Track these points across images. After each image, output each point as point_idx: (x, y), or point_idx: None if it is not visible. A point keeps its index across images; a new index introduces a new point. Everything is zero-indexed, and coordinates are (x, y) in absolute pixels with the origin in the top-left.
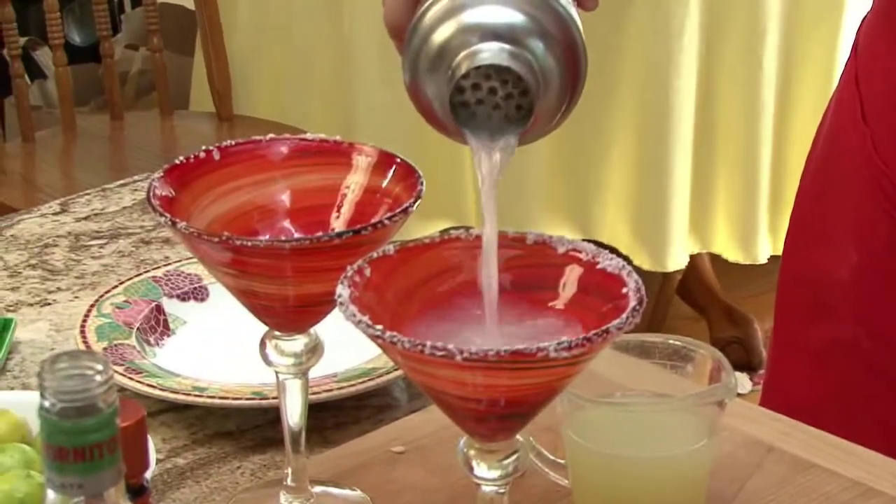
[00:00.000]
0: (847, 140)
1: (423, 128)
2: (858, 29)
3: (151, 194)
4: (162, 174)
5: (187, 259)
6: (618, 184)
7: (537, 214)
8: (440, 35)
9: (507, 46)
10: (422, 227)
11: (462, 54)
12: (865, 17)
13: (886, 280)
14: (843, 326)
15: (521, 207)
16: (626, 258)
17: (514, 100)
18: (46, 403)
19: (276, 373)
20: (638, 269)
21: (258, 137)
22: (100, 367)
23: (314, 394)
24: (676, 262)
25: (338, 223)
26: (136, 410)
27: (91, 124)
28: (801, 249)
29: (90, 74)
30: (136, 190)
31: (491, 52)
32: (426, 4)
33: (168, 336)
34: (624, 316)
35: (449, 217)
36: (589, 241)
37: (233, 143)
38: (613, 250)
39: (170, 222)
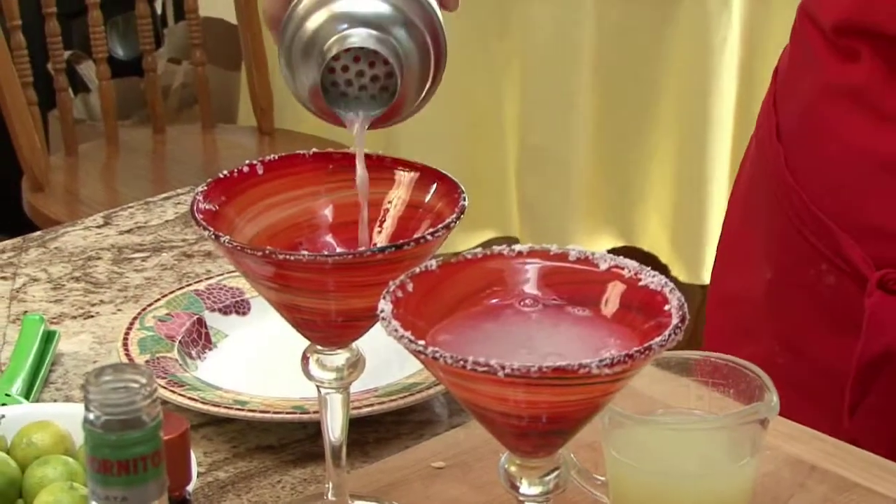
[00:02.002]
0: (765, 161)
1: (466, 140)
2: (781, 54)
3: (195, 208)
4: (206, 188)
5: (229, 272)
6: (659, 192)
7: (580, 221)
8: (313, 23)
9: (374, 32)
10: (465, 239)
11: (333, 38)
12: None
13: (796, 294)
14: (761, 344)
15: (565, 214)
16: (665, 268)
17: (380, 81)
18: (91, 416)
19: (318, 387)
20: (679, 284)
21: (301, 152)
22: (144, 380)
23: (355, 408)
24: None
25: (380, 238)
26: (180, 423)
27: (133, 137)
28: (726, 273)
29: (133, 88)
30: (178, 203)
31: (360, 37)
32: None
33: (210, 349)
34: (666, 333)
35: (492, 228)
36: (630, 248)
37: (276, 157)
38: (654, 259)
39: (213, 236)
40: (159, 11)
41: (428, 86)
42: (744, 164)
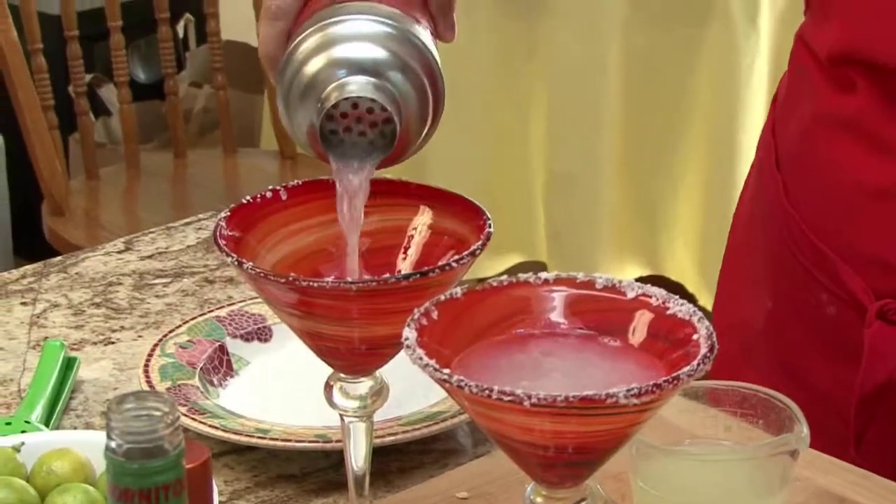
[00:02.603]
0: (765, 189)
1: (492, 165)
2: (780, 81)
3: (219, 234)
4: (229, 214)
5: (251, 299)
6: (686, 220)
7: (606, 248)
8: (311, 68)
9: (372, 80)
10: (490, 264)
11: (332, 86)
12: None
13: (796, 323)
14: (762, 372)
15: (591, 240)
16: (692, 297)
17: (379, 127)
18: (113, 444)
19: (341, 415)
20: (706, 313)
21: (326, 178)
22: (166, 408)
23: (378, 437)
24: None
25: (404, 265)
26: (201, 452)
27: (154, 162)
28: (728, 301)
29: (154, 112)
30: (200, 228)
31: (358, 85)
32: (297, 39)
33: (231, 377)
34: (695, 363)
35: (518, 253)
36: (657, 277)
37: (300, 183)
38: (681, 288)
39: (236, 262)
40: (181, 35)
41: (427, 128)
42: (744, 192)
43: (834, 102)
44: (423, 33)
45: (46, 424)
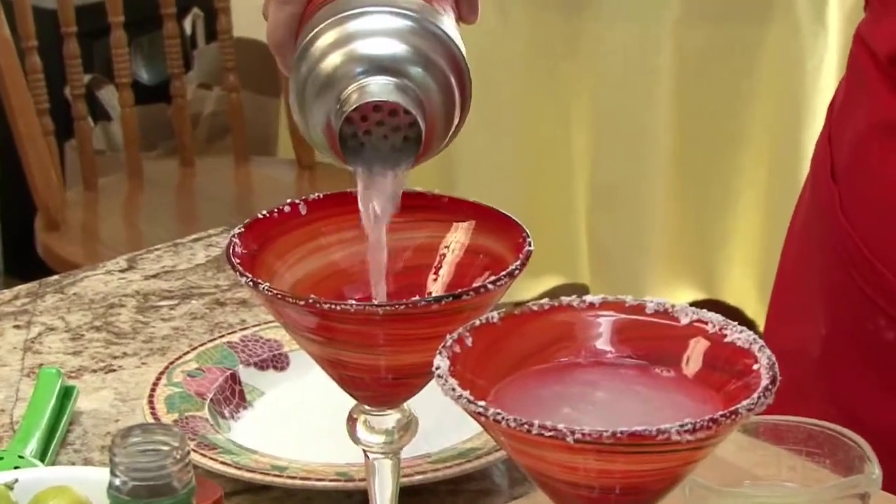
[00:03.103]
0: (819, 203)
1: (530, 177)
2: (838, 86)
3: (232, 251)
4: (243, 229)
5: (266, 323)
6: (745, 238)
7: (656, 269)
8: (328, 65)
9: (394, 80)
10: (529, 286)
11: (351, 88)
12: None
13: (851, 352)
14: (813, 405)
15: (640, 261)
16: (752, 324)
17: (402, 131)
18: (117, 482)
19: (365, 452)
20: None
21: (350, 190)
22: (175, 442)
23: (406, 476)
24: None
25: (436, 287)
26: (212, 490)
27: (159, 171)
28: (779, 327)
29: (159, 116)
30: (210, 245)
31: (379, 87)
32: (313, 32)
33: (244, 408)
34: (755, 396)
35: (560, 274)
36: (713, 301)
37: (321, 196)
38: (739, 314)
39: (251, 283)
40: (189, 31)
41: (454, 125)
42: (799, 207)
43: (892, 107)
44: (447, 22)
45: (42, 460)
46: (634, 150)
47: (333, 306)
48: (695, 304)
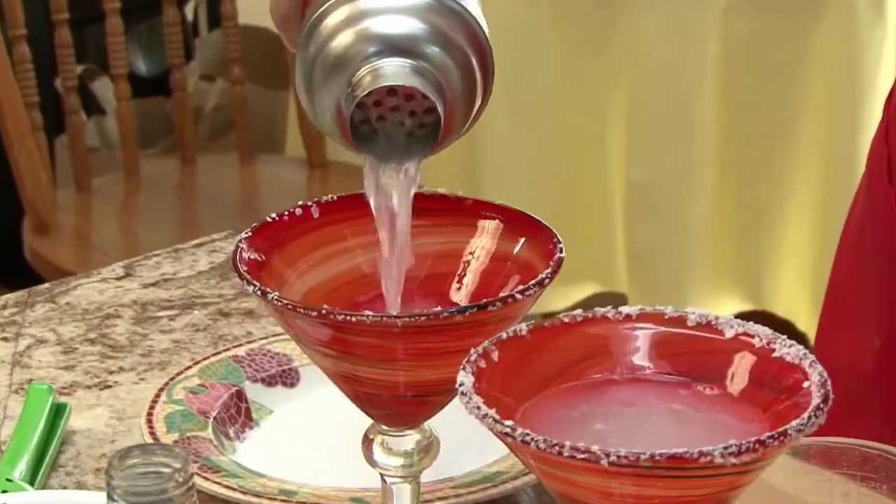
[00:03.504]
0: (875, 203)
1: (562, 178)
2: (895, 83)
3: (238, 258)
4: (250, 234)
5: (275, 335)
6: (797, 244)
7: (700, 277)
8: (338, 44)
9: (410, 62)
10: (561, 296)
11: (363, 70)
12: None
13: None
14: (867, 424)
15: (682, 268)
16: (803, 337)
17: (419, 117)
18: None
19: (382, 476)
20: None
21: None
22: (178, 463)
23: (426, 502)
24: None
25: (459, 296)
26: None
27: (158, 170)
28: (831, 339)
29: (157, 110)
30: (213, 251)
31: (394, 69)
32: (322, 8)
33: (251, 428)
34: (805, 416)
35: (594, 282)
36: (761, 312)
37: (335, 198)
38: (790, 326)
39: (259, 292)
40: (190, 18)
41: (475, 109)
42: (853, 209)
43: None
44: None
45: (31, 483)
46: (675, 148)
47: (348, 317)
48: (741, 315)
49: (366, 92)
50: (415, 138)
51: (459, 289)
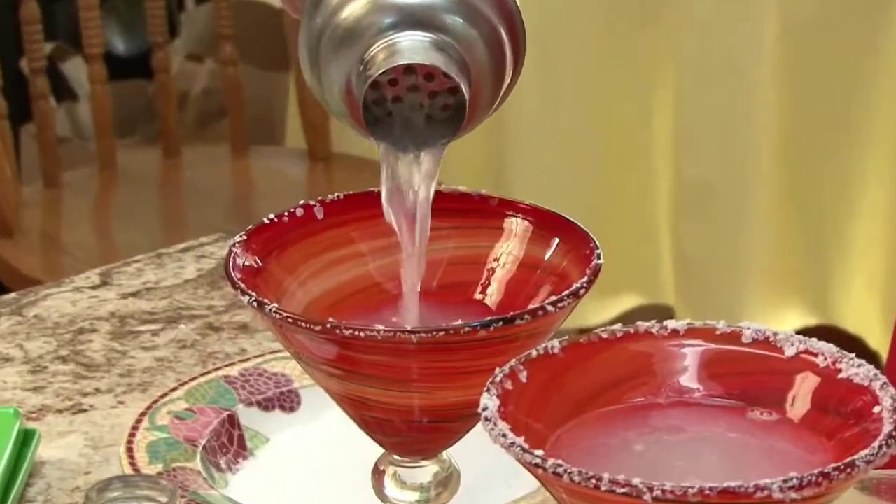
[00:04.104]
0: None
1: (601, 174)
2: None
3: (231, 264)
4: (245, 237)
5: (272, 353)
6: (867, 253)
7: (756, 290)
8: (349, 15)
9: (430, 36)
10: (598, 309)
11: (378, 45)
12: None
13: None
14: None
15: (735, 281)
16: (875, 356)
17: (441, 98)
18: None
19: None
20: None
21: (375, 189)
22: (164, 497)
23: None
24: None
25: (483, 308)
26: None
27: (138, 163)
28: None
29: (137, 95)
30: (202, 256)
31: (412, 45)
32: None
33: (244, 458)
34: (875, 445)
35: (637, 294)
36: (828, 328)
37: (341, 196)
38: (860, 343)
39: (255, 303)
40: None
41: (504, 87)
42: None
43: None
44: None
45: None
46: (730, 142)
47: (357, 332)
48: (804, 331)
49: (380, 71)
50: (435, 122)
51: (483, 300)
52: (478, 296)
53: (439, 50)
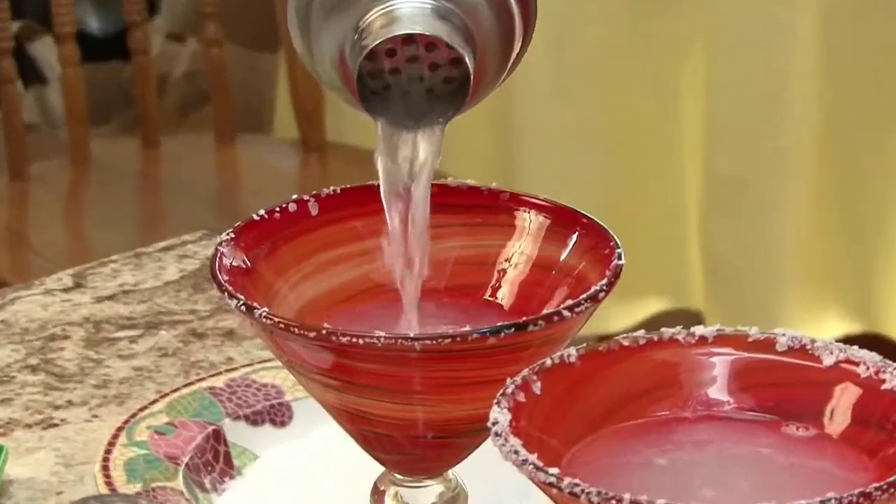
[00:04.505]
0: None
1: (622, 168)
2: None
3: (218, 265)
4: (232, 235)
5: (262, 362)
6: None
7: (795, 295)
8: None
9: (432, 2)
10: (621, 313)
11: (375, 13)
12: None
13: None
14: None
15: (769, 283)
16: None
17: (443, 70)
18: None
19: None
20: None
21: (375, 182)
22: None
23: None
24: None
25: (493, 313)
26: None
27: (113, 154)
28: None
29: (113, 78)
30: (185, 256)
31: (411, 13)
32: None
33: (231, 477)
34: None
35: (662, 297)
36: (872, 335)
37: (337, 190)
38: None
39: (244, 307)
40: None
41: (513, 56)
42: None
43: None
44: None
45: None
46: (764, 133)
47: (354, 339)
48: (845, 339)
49: (377, 41)
50: (436, 96)
51: (492, 303)
52: (487, 299)
53: (441, 18)
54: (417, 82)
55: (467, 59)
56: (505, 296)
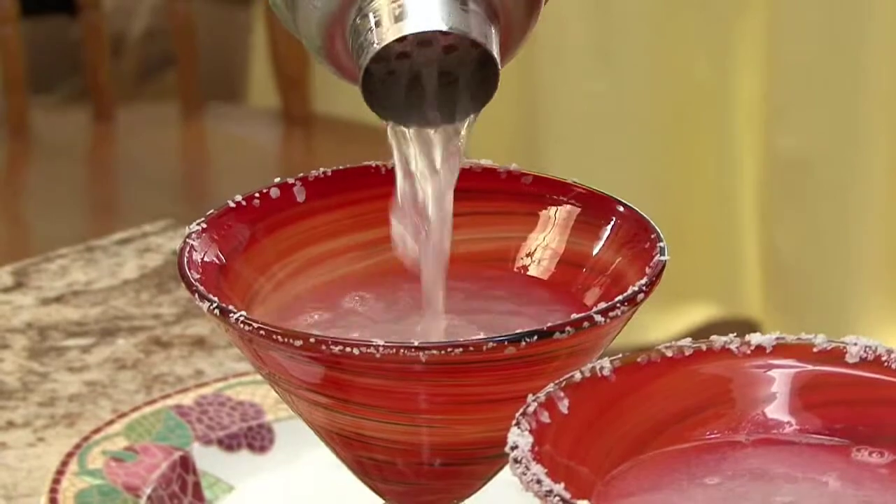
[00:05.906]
0: None
1: (667, 149)
2: None
3: (185, 261)
4: (203, 226)
5: (238, 376)
6: None
7: (870, 299)
8: None
9: None
10: (662, 320)
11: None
12: None
13: None
14: None
15: (842, 280)
16: None
17: (459, 53)
18: None
19: None
20: None
21: (372, 163)
22: None
23: None
24: None
25: (512, 317)
26: None
27: (59, 127)
28: None
29: (58, 38)
30: (146, 250)
31: (427, 3)
32: None
33: None
34: None
35: (712, 300)
36: None
37: (327, 172)
38: None
39: (217, 311)
40: None
41: (533, 23)
42: None
43: None
44: None
45: None
46: (834, 107)
47: (348, 349)
48: None
49: (384, 43)
50: (452, 83)
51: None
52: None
53: (461, 5)
54: (429, 66)
55: (494, 52)
56: None
